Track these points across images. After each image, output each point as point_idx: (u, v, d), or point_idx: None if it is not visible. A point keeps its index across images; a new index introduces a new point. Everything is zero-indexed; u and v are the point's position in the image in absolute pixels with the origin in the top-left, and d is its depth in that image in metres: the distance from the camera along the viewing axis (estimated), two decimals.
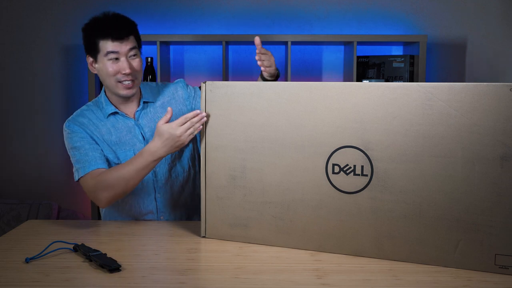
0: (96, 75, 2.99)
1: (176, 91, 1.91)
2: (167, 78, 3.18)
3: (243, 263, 1.36)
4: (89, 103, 1.87)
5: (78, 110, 1.84)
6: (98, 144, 1.77)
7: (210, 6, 3.23)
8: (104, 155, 1.75)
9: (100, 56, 1.73)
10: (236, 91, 1.48)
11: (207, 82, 1.52)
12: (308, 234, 1.44)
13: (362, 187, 1.37)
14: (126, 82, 1.73)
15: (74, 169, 1.74)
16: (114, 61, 1.72)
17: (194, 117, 1.54)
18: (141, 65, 1.77)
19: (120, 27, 1.71)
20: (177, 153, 1.85)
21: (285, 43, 3.06)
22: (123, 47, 1.71)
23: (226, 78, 3.08)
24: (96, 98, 1.87)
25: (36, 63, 3.26)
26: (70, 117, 1.82)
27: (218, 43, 3.06)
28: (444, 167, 1.29)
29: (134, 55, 1.74)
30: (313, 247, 1.44)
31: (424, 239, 1.32)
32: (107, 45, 1.71)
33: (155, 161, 1.62)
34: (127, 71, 1.71)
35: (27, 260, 1.35)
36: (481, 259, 1.28)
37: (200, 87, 1.71)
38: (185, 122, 1.55)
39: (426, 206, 1.31)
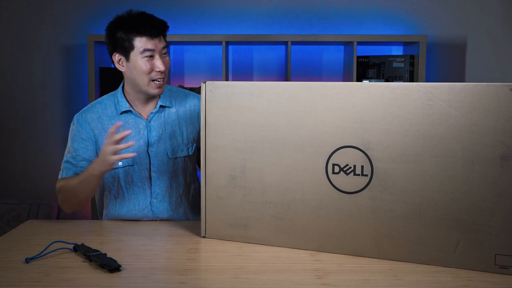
0: (96, 74, 3.00)
1: (195, 106, 1.90)
2: (167, 78, 3.18)
3: (243, 263, 1.36)
4: (104, 96, 1.88)
5: (92, 103, 1.86)
6: (95, 147, 1.79)
7: (210, 6, 3.23)
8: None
9: (134, 54, 1.72)
10: (236, 91, 1.48)
11: (207, 82, 1.52)
12: (308, 234, 1.44)
13: (362, 187, 1.37)
14: (158, 81, 1.74)
15: (61, 165, 1.81)
16: (149, 58, 1.73)
17: (120, 137, 1.56)
18: (169, 64, 1.79)
19: (156, 25, 1.74)
20: (180, 164, 1.84)
21: (285, 43, 3.06)
22: (158, 45, 1.73)
23: (226, 78, 3.08)
24: (113, 92, 1.87)
25: (36, 63, 3.26)
26: (82, 109, 1.85)
27: (218, 43, 3.06)
28: (444, 167, 1.29)
29: (165, 53, 1.77)
30: (313, 247, 1.44)
31: (424, 239, 1.32)
32: (143, 43, 1.71)
33: (93, 176, 1.64)
34: (162, 68, 1.72)
35: (27, 260, 1.35)
36: (481, 259, 1.28)
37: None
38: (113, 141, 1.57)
39: (426, 206, 1.31)
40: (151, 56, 1.73)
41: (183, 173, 1.86)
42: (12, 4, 3.22)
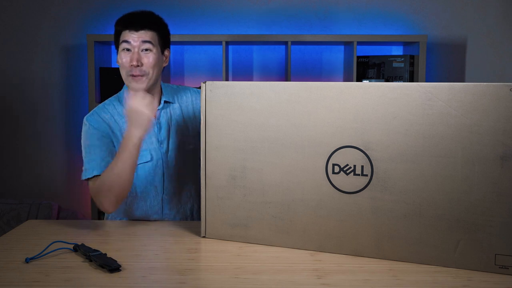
0: (96, 74, 3.01)
1: (197, 100, 1.91)
2: (167, 78, 3.18)
3: (243, 263, 1.36)
4: (110, 98, 1.88)
5: (100, 105, 1.85)
6: (114, 144, 1.78)
7: (210, 6, 3.23)
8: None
9: (119, 46, 1.77)
10: (236, 91, 1.48)
11: (207, 82, 1.52)
12: (308, 234, 1.44)
13: (362, 187, 1.37)
14: (135, 75, 1.74)
15: (83, 167, 1.73)
16: (127, 52, 1.74)
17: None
18: (154, 62, 1.75)
19: (139, 19, 1.74)
20: (190, 158, 1.85)
21: (285, 43, 3.06)
22: (135, 38, 1.73)
23: (226, 78, 3.08)
24: (117, 94, 1.88)
25: (36, 63, 3.26)
26: (91, 111, 1.83)
27: (218, 43, 3.06)
28: (444, 167, 1.29)
29: (147, 49, 1.75)
30: (313, 247, 1.44)
31: (424, 239, 1.32)
32: (123, 35, 1.75)
33: (135, 145, 1.59)
34: (134, 63, 1.72)
35: (27, 260, 1.35)
36: (481, 259, 1.28)
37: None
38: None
39: (426, 206, 1.31)
40: (129, 50, 1.74)
41: (193, 169, 1.87)
42: (12, 4, 3.22)
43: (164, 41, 1.81)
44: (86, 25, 3.23)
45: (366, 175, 1.36)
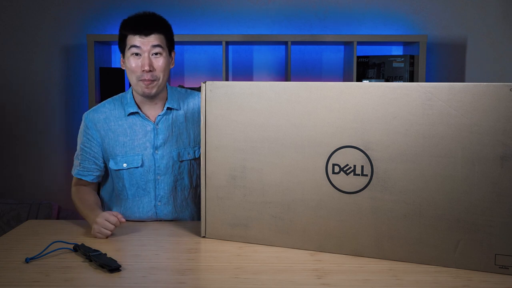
0: (96, 74, 3.01)
1: None
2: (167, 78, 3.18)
3: (243, 263, 1.36)
4: (115, 96, 1.88)
5: (102, 102, 1.86)
6: (105, 149, 1.80)
7: (210, 6, 3.23)
8: (99, 167, 1.83)
9: (126, 51, 1.75)
10: (236, 91, 1.48)
11: (207, 82, 1.52)
12: (308, 234, 1.44)
13: (362, 187, 1.37)
14: (146, 81, 1.72)
15: (74, 157, 1.88)
16: (136, 56, 1.73)
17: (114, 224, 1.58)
18: (164, 66, 1.75)
19: (147, 23, 1.73)
20: (186, 166, 1.84)
21: (285, 43, 3.06)
22: (145, 43, 1.71)
23: (226, 78, 3.08)
24: (123, 93, 1.87)
25: (36, 63, 3.26)
26: (91, 109, 1.85)
27: (218, 43, 3.06)
28: (444, 167, 1.29)
29: (157, 53, 1.73)
30: (313, 247, 1.44)
31: (424, 239, 1.32)
32: (131, 40, 1.73)
33: (88, 220, 1.68)
34: (146, 68, 1.70)
35: (27, 260, 1.35)
36: (481, 259, 1.28)
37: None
38: (108, 223, 1.57)
39: (426, 206, 1.31)
40: (138, 54, 1.72)
41: (189, 176, 1.84)
42: (12, 4, 3.22)
43: (170, 43, 1.80)
44: (86, 25, 3.23)
45: (366, 175, 1.36)
